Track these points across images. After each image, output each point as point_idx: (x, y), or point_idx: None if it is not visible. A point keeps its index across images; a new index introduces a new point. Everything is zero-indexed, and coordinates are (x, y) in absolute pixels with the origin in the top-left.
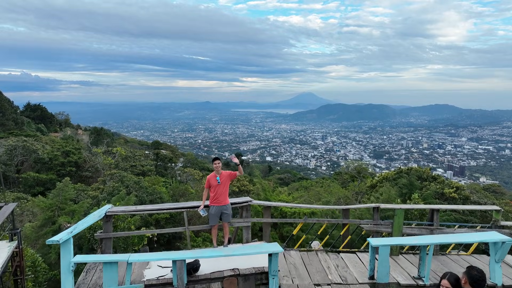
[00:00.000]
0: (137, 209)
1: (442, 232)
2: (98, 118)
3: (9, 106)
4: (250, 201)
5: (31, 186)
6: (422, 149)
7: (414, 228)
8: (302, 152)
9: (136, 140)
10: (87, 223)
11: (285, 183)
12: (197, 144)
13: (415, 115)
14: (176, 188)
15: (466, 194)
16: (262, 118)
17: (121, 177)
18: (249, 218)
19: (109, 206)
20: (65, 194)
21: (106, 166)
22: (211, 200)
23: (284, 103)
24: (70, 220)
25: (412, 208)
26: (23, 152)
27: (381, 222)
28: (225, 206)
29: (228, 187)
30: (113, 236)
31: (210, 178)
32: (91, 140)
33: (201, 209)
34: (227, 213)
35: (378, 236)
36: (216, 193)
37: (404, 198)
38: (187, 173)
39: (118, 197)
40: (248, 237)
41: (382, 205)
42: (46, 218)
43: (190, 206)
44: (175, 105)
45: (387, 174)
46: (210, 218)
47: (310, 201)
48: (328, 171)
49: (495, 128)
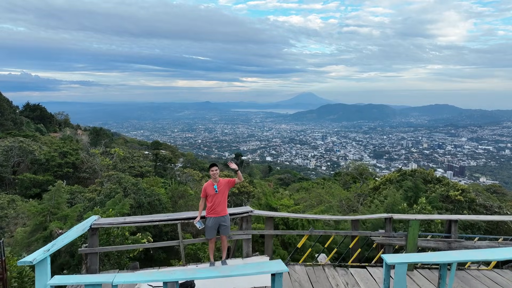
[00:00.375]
0: (126, 221)
1: (461, 245)
2: (98, 118)
3: (7, 106)
4: (251, 212)
5: (28, 187)
6: (422, 149)
7: (430, 241)
8: (302, 152)
9: (136, 140)
10: (68, 238)
11: (285, 183)
12: (197, 144)
13: (415, 115)
14: (175, 190)
15: (471, 196)
16: (262, 118)
17: (118, 179)
18: (250, 229)
19: (95, 218)
20: (57, 198)
21: (104, 167)
22: (208, 211)
23: (284, 103)
24: (62, 226)
25: (428, 219)
26: (19, 153)
27: (394, 234)
28: (223, 218)
29: (227, 196)
30: (99, 251)
31: (206, 186)
32: (90, 140)
33: (197, 221)
34: (226, 225)
35: (390, 249)
36: (213, 203)
37: (409, 201)
38: (187, 174)
39: (113, 201)
40: (249, 251)
41: (395, 216)
42: (37, 223)
43: (185, 217)
44: (175, 105)
45: (390, 176)
46: (207, 231)
47: (312, 203)
48: (328, 171)
49: (495, 128)
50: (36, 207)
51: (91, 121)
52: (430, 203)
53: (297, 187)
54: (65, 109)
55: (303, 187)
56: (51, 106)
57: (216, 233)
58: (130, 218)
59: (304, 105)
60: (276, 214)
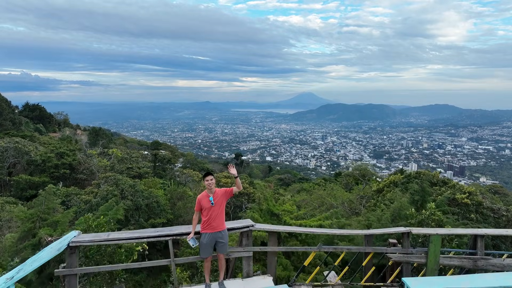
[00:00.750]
0: (109, 238)
1: (488, 263)
2: (98, 118)
3: (6, 106)
4: (252, 226)
5: (23, 189)
6: (422, 149)
7: (453, 258)
8: (302, 152)
9: (135, 140)
10: (39, 261)
11: (285, 183)
12: (197, 144)
13: (415, 115)
14: (174, 191)
15: (479, 199)
16: (262, 118)
17: (116, 181)
18: (251, 246)
19: (74, 234)
20: (48, 203)
21: (101, 168)
22: (203, 226)
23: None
24: (52, 233)
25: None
26: (14, 154)
27: (412, 250)
28: (220, 234)
29: (224, 209)
30: (79, 272)
31: (201, 199)
32: (89, 141)
33: (191, 238)
34: (223, 242)
35: (409, 268)
36: (209, 217)
37: (416, 205)
38: (186, 174)
39: (107, 206)
40: (249, 270)
41: (414, 230)
42: (26, 230)
43: (177, 233)
44: (175, 105)
45: (395, 178)
46: (202, 249)
47: (313, 205)
48: (328, 171)
49: (495, 128)
50: (25, 213)
51: (91, 121)
52: (438, 207)
53: (298, 188)
54: (65, 109)
55: (303, 188)
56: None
57: (212, 251)
58: (114, 234)
59: (304, 105)
60: (281, 228)
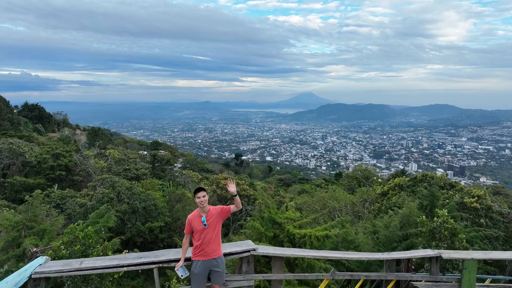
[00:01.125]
0: (81, 267)
1: None
2: (98, 118)
3: (4, 105)
4: (254, 250)
5: (18, 191)
6: (422, 149)
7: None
8: (302, 152)
9: (135, 140)
10: None
11: (285, 184)
12: (197, 144)
13: (415, 115)
14: (172, 193)
15: (488, 203)
16: (262, 118)
17: (112, 183)
18: (252, 273)
19: (39, 262)
20: (35, 210)
21: (98, 170)
22: (194, 252)
23: (284, 103)
24: (38, 242)
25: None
26: (9, 155)
27: (442, 277)
28: (215, 261)
29: (220, 230)
30: None
31: (191, 219)
32: (89, 141)
33: (180, 267)
34: (219, 272)
35: None
36: (202, 242)
37: (425, 211)
38: (186, 175)
39: (98, 213)
40: None
41: (444, 254)
42: (10, 239)
43: (163, 260)
44: (175, 105)
45: (400, 181)
46: (193, 280)
47: (315, 208)
48: (328, 171)
49: (495, 128)
50: (9, 220)
51: (91, 121)
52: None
53: (299, 189)
54: (65, 109)
55: (304, 190)
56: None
57: (206, 281)
58: (88, 262)
59: (304, 105)
60: (287, 252)
